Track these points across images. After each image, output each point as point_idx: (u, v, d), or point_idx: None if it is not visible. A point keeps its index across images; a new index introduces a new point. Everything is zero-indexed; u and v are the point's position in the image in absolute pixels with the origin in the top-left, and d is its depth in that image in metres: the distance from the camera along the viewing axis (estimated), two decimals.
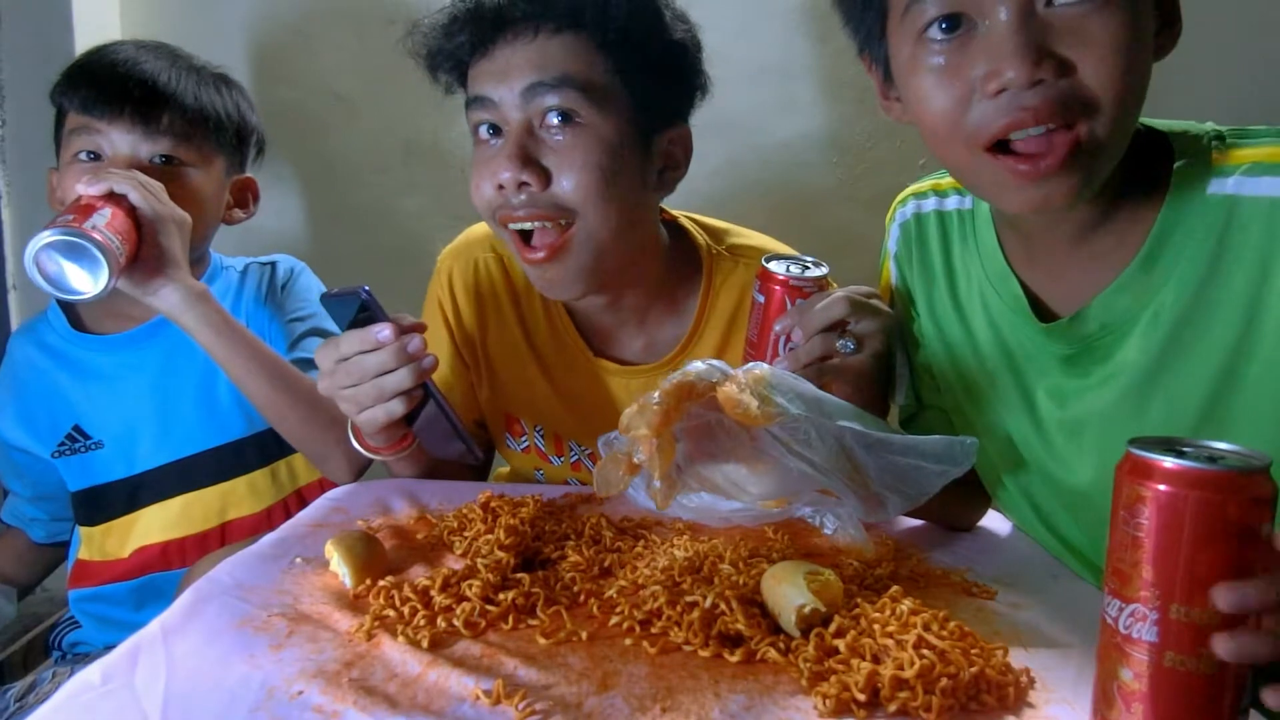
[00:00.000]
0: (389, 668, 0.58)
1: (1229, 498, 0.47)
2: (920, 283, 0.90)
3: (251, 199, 1.22)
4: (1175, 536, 0.48)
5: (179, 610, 0.65)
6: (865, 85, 1.65)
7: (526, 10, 0.87)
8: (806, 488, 0.73)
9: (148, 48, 1.11)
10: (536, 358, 1.03)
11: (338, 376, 0.81)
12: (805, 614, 0.61)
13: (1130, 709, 0.49)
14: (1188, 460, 0.48)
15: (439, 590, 0.67)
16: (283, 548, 0.79)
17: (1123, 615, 0.49)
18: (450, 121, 1.71)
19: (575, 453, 1.07)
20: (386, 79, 1.70)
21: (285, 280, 1.23)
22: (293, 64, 1.71)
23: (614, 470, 0.66)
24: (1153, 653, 0.48)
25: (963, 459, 0.73)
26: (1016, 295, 0.78)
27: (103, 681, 0.56)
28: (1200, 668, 0.48)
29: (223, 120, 1.13)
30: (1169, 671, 0.48)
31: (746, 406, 0.65)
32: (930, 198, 0.90)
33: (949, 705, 0.54)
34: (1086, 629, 0.66)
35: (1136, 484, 0.49)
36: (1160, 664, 0.48)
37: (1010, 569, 0.79)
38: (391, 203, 1.73)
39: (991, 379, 0.82)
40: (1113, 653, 0.50)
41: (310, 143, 1.73)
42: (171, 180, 1.05)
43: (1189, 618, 0.47)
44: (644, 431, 0.63)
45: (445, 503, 0.92)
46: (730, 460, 0.71)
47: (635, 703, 0.55)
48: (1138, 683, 0.49)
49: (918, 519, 0.91)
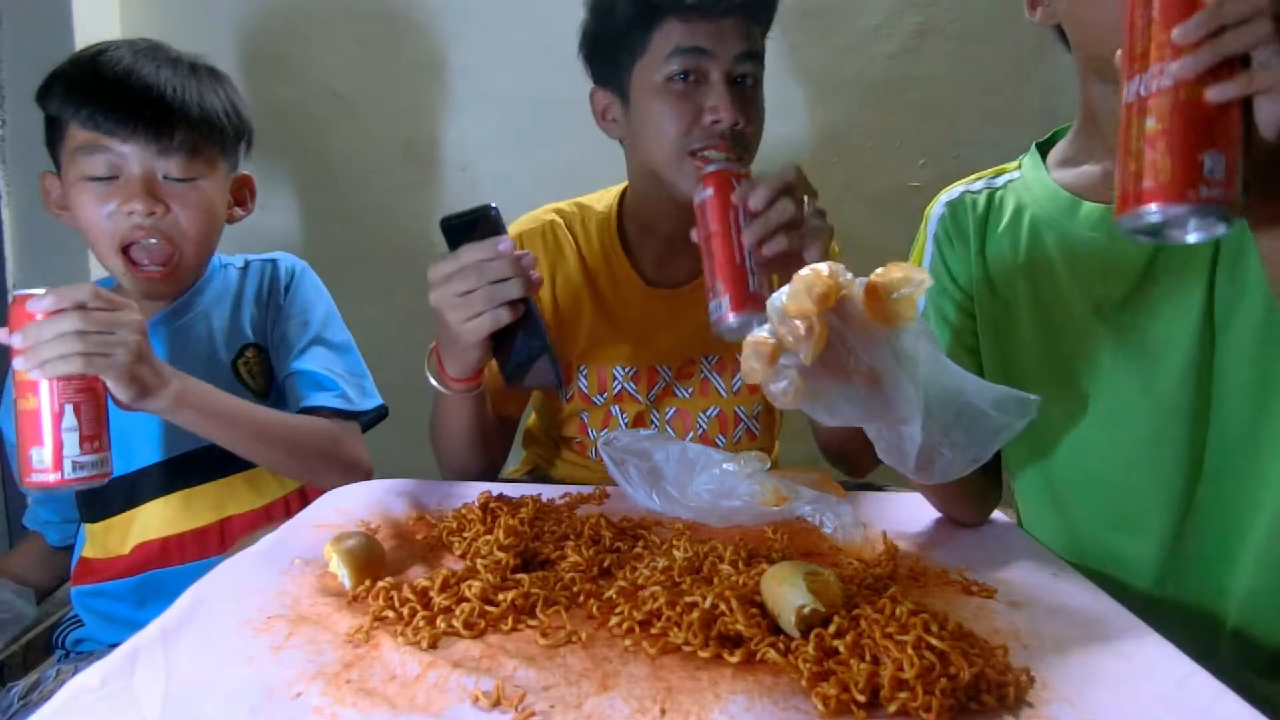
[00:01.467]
0: (388, 669, 0.58)
1: None
2: (975, 253, 0.94)
3: (249, 196, 1.21)
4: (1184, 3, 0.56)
5: (178, 612, 0.65)
6: (865, 85, 1.67)
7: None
8: (894, 415, 0.69)
9: (143, 51, 1.08)
10: (594, 295, 1.18)
11: (454, 282, 0.86)
12: (805, 614, 0.61)
13: (1155, 148, 0.56)
14: None
15: (438, 591, 0.67)
16: (282, 549, 0.79)
17: (1143, 81, 0.57)
18: (450, 121, 1.71)
19: (619, 381, 1.19)
20: (386, 79, 1.70)
21: (288, 281, 1.21)
22: (293, 64, 1.71)
23: (758, 357, 0.62)
24: (1171, 93, 0.56)
25: (1024, 413, 0.72)
26: (1090, 209, 0.85)
27: (102, 684, 0.56)
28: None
29: (225, 123, 1.12)
30: (1184, 102, 0.56)
31: (916, 284, 0.63)
32: (979, 182, 0.97)
33: (949, 705, 0.54)
34: (1087, 629, 0.66)
35: None
36: (1178, 100, 0.56)
37: (1010, 568, 0.79)
38: (391, 203, 1.73)
39: (1062, 296, 0.87)
40: (1140, 119, 0.57)
41: (310, 143, 1.73)
42: (184, 197, 1.06)
43: None
44: (810, 307, 0.60)
45: (444, 503, 0.92)
46: (837, 377, 0.67)
47: (635, 703, 0.55)
48: (1160, 122, 0.56)
49: (929, 508, 0.91)
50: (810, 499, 0.86)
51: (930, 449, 0.72)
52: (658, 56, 1.03)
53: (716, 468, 0.89)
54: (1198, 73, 0.55)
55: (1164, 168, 0.56)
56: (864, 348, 0.65)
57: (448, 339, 0.92)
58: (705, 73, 1.02)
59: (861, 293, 0.64)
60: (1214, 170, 0.55)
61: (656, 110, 1.04)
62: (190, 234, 1.08)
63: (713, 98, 1.02)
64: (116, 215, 1.04)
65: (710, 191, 0.85)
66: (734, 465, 0.88)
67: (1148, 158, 0.56)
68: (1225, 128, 0.56)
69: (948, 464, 0.73)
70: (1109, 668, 0.60)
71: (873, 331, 0.65)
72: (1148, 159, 0.56)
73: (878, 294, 0.64)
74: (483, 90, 1.69)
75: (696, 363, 1.19)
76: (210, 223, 1.10)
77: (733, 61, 1.03)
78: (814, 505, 0.86)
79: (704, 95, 1.02)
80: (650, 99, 1.04)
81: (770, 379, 0.61)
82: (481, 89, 1.69)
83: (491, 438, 1.10)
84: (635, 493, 0.91)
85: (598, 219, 1.20)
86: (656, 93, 1.04)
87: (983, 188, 0.96)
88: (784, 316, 0.61)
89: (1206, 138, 0.55)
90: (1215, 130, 0.56)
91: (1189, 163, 0.55)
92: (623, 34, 1.06)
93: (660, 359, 1.18)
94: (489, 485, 0.96)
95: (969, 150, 1.63)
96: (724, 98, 1.01)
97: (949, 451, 0.72)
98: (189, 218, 1.07)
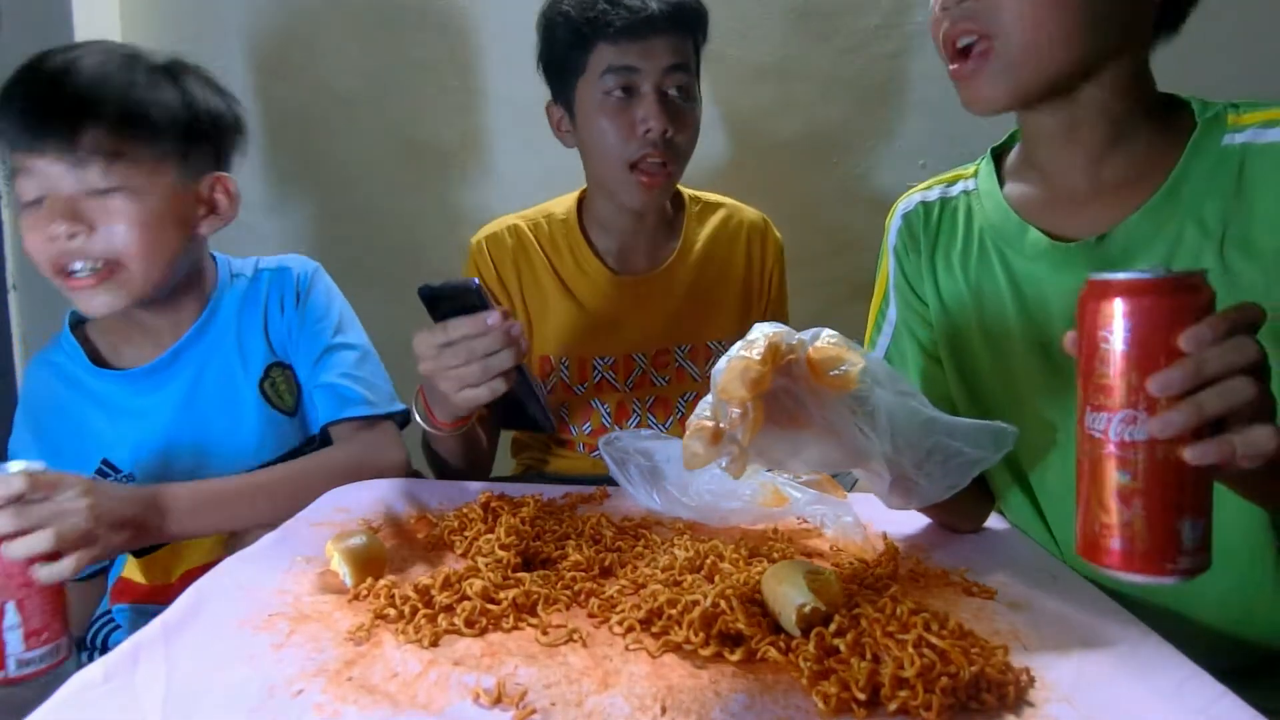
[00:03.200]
0: (389, 666, 0.58)
1: (1182, 300, 0.53)
2: (926, 265, 0.93)
3: (228, 200, 1.08)
4: (1154, 342, 0.53)
5: (180, 609, 0.65)
6: (865, 85, 1.67)
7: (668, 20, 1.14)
8: (857, 461, 0.71)
9: (85, 51, 0.98)
10: (562, 287, 1.26)
11: (444, 358, 0.86)
12: (805, 613, 0.61)
13: (1130, 506, 0.53)
14: (1144, 273, 0.53)
15: (440, 589, 0.68)
16: (283, 547, 0.79)
17: (1113, 424, 0.54)
18: (450, 121, 1.71)
19: (598, 371, 1.26)
20: (386, 79, 1.70)
21: (300, 288, 1.16)
22: (293, 64, 1.71)
23: (700, 441, 0.62)
24: (1149, 449, 0.53)
25: (1000, 445, 0.74)
26: (1035, 239, 0.83)
27: (104, 680, 0.56)
28: None
29: (165, 120, 0.98)
30: (1163, 463, 0.53)
31: (852, 366, 0.64)
32: (934, 189, 0.95)
33: (949, 704, 0.54)
34: (1087, 629, 0.66)
35: (1105, 303, 0.54)
36: (1155, 458, 0.53)
37: (1010, 569, 0.79)
38: (392, 203, 1.73)
39: (1009, 329, 0.85)
40: (1105, 462, 0.54)
41: (311, 143, 1.73)
42: (112, 210, 0.95)
43: None
44: (743, 394, 0.61)
45: (445, 502, 0.92)
46: (789, 429, 0.69)
47: (636, 701, 0.55)
48: (1136, 480, 0.53)
49: (924, 516, 0.91)
50: (811, 499, 0.86)
51: (905, 480, 0.73)
52: (594, 75, 1.13)
53: (717, 468, 0.89)
54: (1178, 433, 0.52)
55: (1140, 536, 0.53)
56: (817, 406, 0.67)
57: (438, 399, 0.94)
58: (636, 87, 1.12)
59: (804, 359, 0.65)
60: (1192, 539, 0.53)
61: (596, 124, 1.15)
62: (129, 251, 0.96)
63: (643, 109, 1.12)
64: (46, 243, 0.94)
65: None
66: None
67: (1120, 515, 0.54)
68: (1202, 490, 0.53)
69: (924, 493, 0.75)
70: (1109, 668, 0.60)
71: (822, 391, 0.66)
72: (1120, 517, 0.54)
73: (817, 367, 0.65)
74: (483, 90, 1.69)
75: (670, 352, 1.28)
76: (154, 234, 0.98)
77: (661, 75, 1.12)
78: (814, 505, 0.86)
79: (636, 107, 1.12)
80: (591, 113, 1.15)
81: (714, 457, 0.63)
82: (481, 89, 1.69)
83: (482, 451, 1.13)
84: (636, 492, 0.91)
85: (559, 219, 1.29)
86: (596, 107, 1.14)
87: (936, 197, 0.94)
88: (720, 399, 0.61)
89: (1185, 505, 0.53)
90: (1194, 495, 0.53)
91: (1168, 534, 0.53)
92: (564, 55, 1.16)
93: (635, 347, 1.26)
94: (490, 485, 0.96)
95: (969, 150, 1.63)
96: (654, 108, 1.11)
97: (925, 483, 0.74)
98: (122, 233, 0.95)
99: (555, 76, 1.20)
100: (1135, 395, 0.53)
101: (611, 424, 1.26)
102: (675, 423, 1.26)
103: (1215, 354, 0.52)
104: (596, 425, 1.27)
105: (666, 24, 1.11)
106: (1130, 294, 0.54)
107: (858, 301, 1.05)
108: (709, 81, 1.63)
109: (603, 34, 1.10)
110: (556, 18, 1.15)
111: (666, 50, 1.12)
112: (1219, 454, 0.52)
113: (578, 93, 1.16)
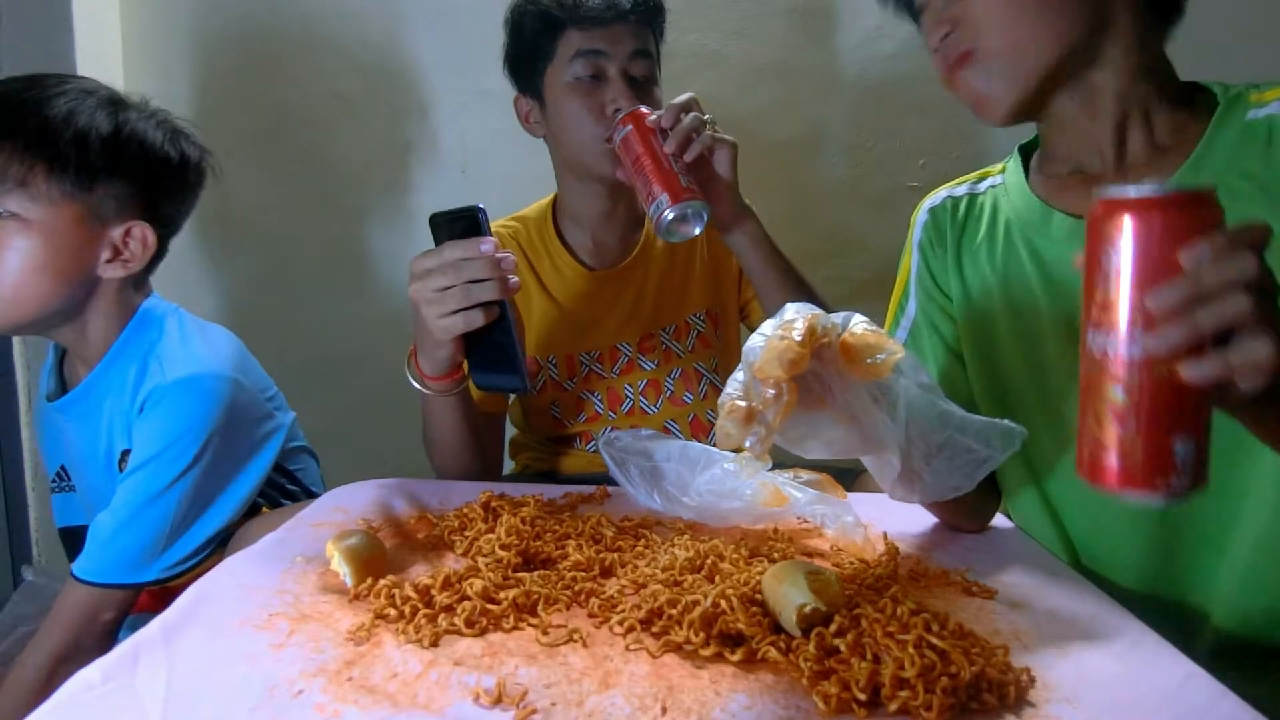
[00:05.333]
0: (390, 667, 0.58)
1: (1187, 216, 0.52)
2: (952, 259, 0.93)
3: (140, 250, 1.00)
4: (1156, 259, 0.52)
5: (180, 610, 0.65)
6: (865, 85, 1.67)
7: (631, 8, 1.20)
8: (871, 448, 0.72)
9: (40, 81, 0.96)
10: (542, 289, 1.29)
11: (433, 278, 0.87)
12: (806, 613, 0.61)
13: (1124, 425, 0.53)
14: (1151, 188, 0.53)
15: (440, 589, 0.67)
16: (283, 547, 0.79)
17: (1110, 341, 0.53)
18: (450, 121, 1.71)
19: (585, 365, 1.29)
20: (386, 79, 1.70)
21: (149, 398, 1.00)
22: (293, 64, 1.71)
23: (733, 423, 0.62)
24: (1145, 367, 0.52)
25: (1007, 445, 0.74)
26: (1061, 220, 0.84)
27: (103, 681, 0.56)
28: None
29: (70, 155, 0.93)
30: (1157, 381, 0.52)
31: (890, 355, 0.63)
32: (963, 186, 0.97)
33: (950, 704, 0.54)
34: (1087, 628, 0.66)
35: (1110, 220, 0.53)
36: (1151, 376, 0.52)
37: (1010, 569, 0.79)
38: (391, 203, 1.73)
39: (1038, 313, 0.86)
40: (1103, 380, 0.54)
41: (310, 143, 1.73)
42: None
43: None
44: (780, 374, 0.61)
45: (446, 502, 0.92)
46: (809, 410, 0.69)
47: (636, 702, 0.55)
48: (1130, 396, 0.53)
49: (928, 514, 0.91)
50: (811, 499, 0.86)
51: (911, 473, 0.73)
52: (563, 61, 1.18)
53: (718, 467, 0.89)
54: (1172, 350, 0.51)
55: (1133, 451, 0.53)
56: (841, 390, 0.67)
57: (423, 334, 0.94)
58: (604, 70, 1.17)
59: (838, 343, 0.64)
60: (1185, 458, 0.53)
61: (567, 107, 1.19)
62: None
63: (612, 91, 1.16)
64: None
65: (629, 127, 1.03)
66: (735, 465, 0.88)
67: (1115, 432, 0.54)
68: (1197, 409, 0.53)
69: (927, 489, 0.75)
70: (1109, 668, 0.60)
71: (849, 376, 0.65)
72: (1115, 434, 0.54)
73: (851, 353, 0.64)
74: (483, 90, 1.69)
75: (655, 335, 1.30)
76: (28, 275, 0.93)
77: (627, 59, 1.18)
78: (815, 505, 0.86)
79: (604, 91, 1.17)
80: (561, 99, 1.19)
81: (745, 437, 0.63)
82: (481, 89, 1.69)
83: (481, 436, 1.11)
84: (636, 492, 0.91)
85: (534, 222, 1.32)
86: (566, 92, 1.18)
87: (964, 192, 0.96)
88: (755, 378, 0.61)
89: (1179, 423, 0.53)
90: (1187, 414, 0.53)
91: (1161, 450, 0.53)
92: (533, 45, 1.20)
93: (619, 337, 1.29)
94: (490, 485, 0.96)
95: (969, 150, 1.64)
96: (622, 90, 1.16)
97: (930, 478, 0.74)
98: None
99: (523, 68, 1.24)
100: (1135, 313, 0.52)
101: (605, 410, 1.28)
102: (665, 401, 1.29)
103: (1213, 270, 0.51)
104: (590, 414, 1.29)
105: (631, 13, 1.18)
106: (1136, 210, 0.53)
107: (858, 301, 1.04)
108: (709, 82, 1.63)
109: (573, 19, 1.16)
110: (526, 8, 1.21)
111: (631, 36, 1.18)
112: (1213, 370, 0.51)
113: (546, 80, 1.21)
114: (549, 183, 1.39)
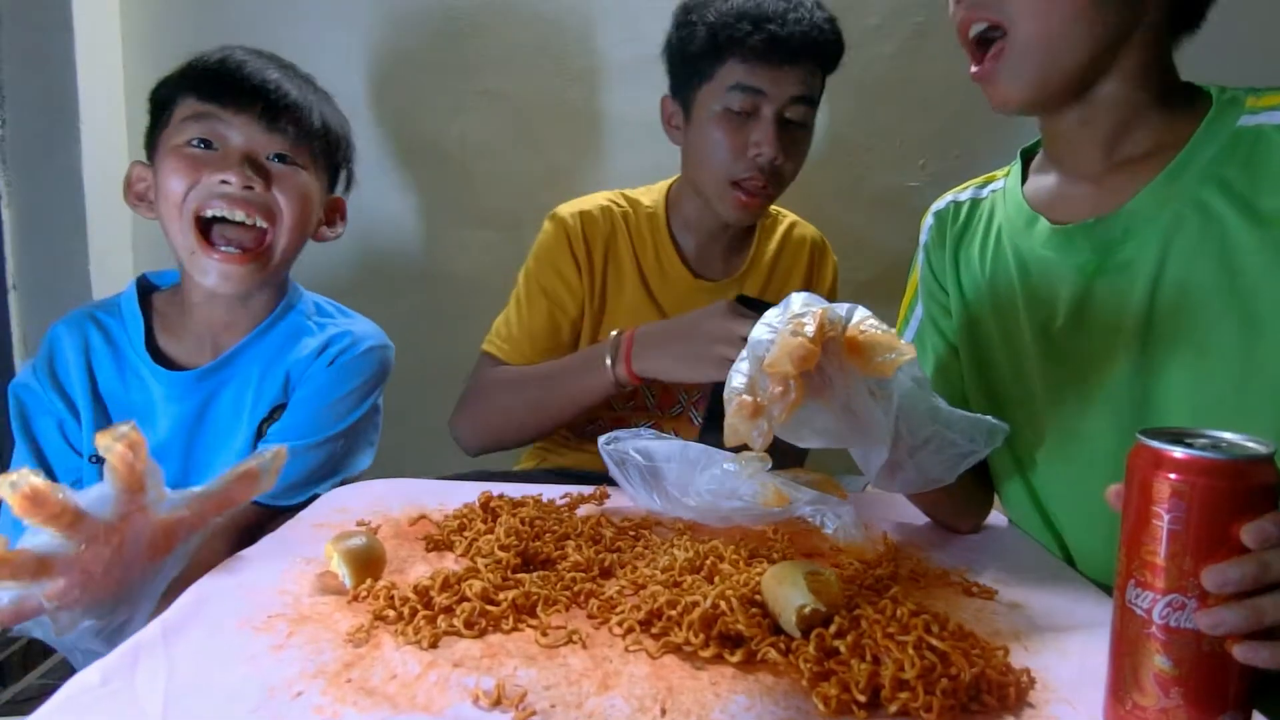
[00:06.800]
0: (389, 668, 0.58)
1: (1243, 485, 0.49)
2: (950, 260, 0.95)
3: (340, 219, 1.19)
4: (1211, 528, 0.49)
5: (179, 611, 0.65)
6: (865, 85, 1.67)
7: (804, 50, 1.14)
8: (862, 439, 0.72)
9: (264, 55, 1.10)
10: (641, 280, 1.27)
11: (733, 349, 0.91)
12: (805, 614, 0.61)
13: (1169, 694, 0.50)
14: (1216, 453, 0.49)
15: (439, 590, 0.67)
16: (283, 548, 0.79)
17: (1158, 605, 0.50)
18: (450, 121, 1.71)
19: None
20: (386, 79, 1.70)
21: (350, 354, 1.12)
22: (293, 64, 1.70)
23: (741, 419, 0.62)
24: (1196, 641, 0.49)
25: (991, 440, 0.74)
26: (1042, 226, 0.84)
27: (103, 682, 0.55)
28: None
29: (332, 136, 1.11)
30: (1209, 655, 0.49)
31: (900, 355, 0.63)
32: (968, 190, 0.98)
33: (950, 705, 0.54)
34: (1087, 629, 0.66)
35: (1157, 476, 0.50)
36: (1201, 650, 0.49)
37: (1010, 569, 0.79)
38: (392, 203, 1.73)
39: (1018, 317, 0.86)
40: (1146, 642, 0.51)
41: None
42: (284, 178, 1.05)
43: None
44: (790, 370, 0.61)
45: (445, 503, 0.92)
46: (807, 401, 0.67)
47: (635, 703, 0.55)
48: (1179, 669, 0.50)
49: (924, 515, 0.91)
50: (811, 499, 0.86)
51: (894, 464, 0.74)
52: (720, 87, 1.13)
53: (717, 468, 0.89)
54: (1230, 632, 0.48)
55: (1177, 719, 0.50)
56: (841, 382, 0.67)
57: (683, 362, 0.99)
58: (757, 109, 1.13)
59: (843, 336, 0.64)
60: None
61: (711, 134, 1.15)
62: (287, 219, 1.05)
63: (759, 133, 1.12)
64: (202, 187, 1.01)
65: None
66: (735, 465, 0.88)
67: (1157, 701, 0.50)
68: (1246, 684, 0.50)
69: (907, 480, 0.76)
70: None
71: (851, 369, 0.66)
72: (1157, 703, 0.50)
73: (860, 350, 0.65)
74: (483, 90, 1.69)
75: None
76: (305, 216, 1.07)
77: (785, 103, 1.13)
78: (815, 506, 0.86)
79: (752, 129, 1.13)
80: (706, 123, 1.15)
81: (750, 431, 0.63)
82: (481, 89, 1.69)
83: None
84: (636, 492, 0.91)
85: (646, 212, 1.29)
86: (713, 119, 1.14)
87: (968, 197, 0.97)
88: (763, 373, 0.62)
89: (1229, 699, 0.50)
90: (1238, 690, 0.50)
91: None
92: (695, 58, 1.15)
93: None
94: (489, 485, 0.96)
95: (969, 150, 1.63)
96: (769, 134, 1.12)
97: (912, 471, 0.75)
98: (287, 200, 1.04)
99: (679, 74, 1.20)
100: (1185, 580, 0.49)
101: (654, 408, 1.27)
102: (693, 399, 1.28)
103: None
104: (640, 405, 1.28)
105: (803, 55, 1.11)
106: (1186, 472, 0.49)
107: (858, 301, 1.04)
108: None
109: (738, 51, 1.11)
110: (697, 22, 1.15)
111: (795, 80, 1.12)
112: (1273, 660, 0.48)
113: (698, 96, 1.16)
114: (549, 183, 1.39)
